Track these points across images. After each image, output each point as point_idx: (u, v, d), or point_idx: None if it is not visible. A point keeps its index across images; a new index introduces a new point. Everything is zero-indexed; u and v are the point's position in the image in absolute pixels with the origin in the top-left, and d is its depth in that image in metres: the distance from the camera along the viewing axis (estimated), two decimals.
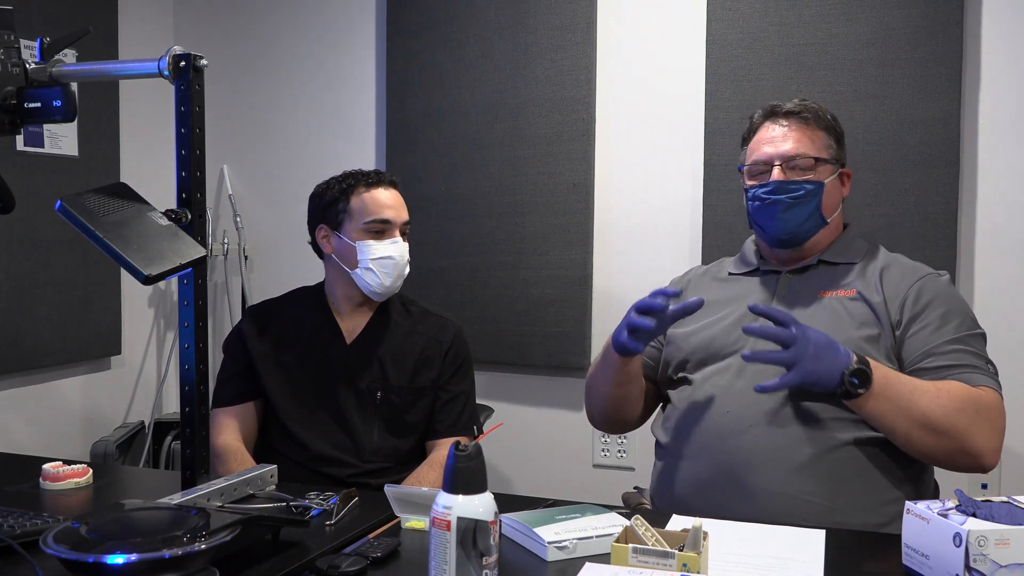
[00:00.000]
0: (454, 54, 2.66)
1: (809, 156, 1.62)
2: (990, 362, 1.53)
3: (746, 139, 1.72)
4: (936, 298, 1.55)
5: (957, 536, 1.06)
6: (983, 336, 1.56)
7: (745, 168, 1.69)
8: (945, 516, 1.10)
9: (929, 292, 1.56)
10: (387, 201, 1.88)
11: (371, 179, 1.90)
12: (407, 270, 1.91)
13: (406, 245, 1.90)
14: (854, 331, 1.53)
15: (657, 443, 1.68)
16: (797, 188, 1.60)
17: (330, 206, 1.90)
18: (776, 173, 1.61)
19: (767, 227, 1.63)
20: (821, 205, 1.62)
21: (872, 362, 1.43)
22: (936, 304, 1.55)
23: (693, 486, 1.53)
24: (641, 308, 1.49)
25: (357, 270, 1.87)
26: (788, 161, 1.62)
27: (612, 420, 1.75)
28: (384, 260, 1.86)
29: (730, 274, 1.75)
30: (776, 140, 1.64)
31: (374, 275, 1.86)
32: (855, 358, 1.42)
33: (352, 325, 1.94)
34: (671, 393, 1.68)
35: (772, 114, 1.68)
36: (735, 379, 1.56)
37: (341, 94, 2.88)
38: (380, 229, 1.87)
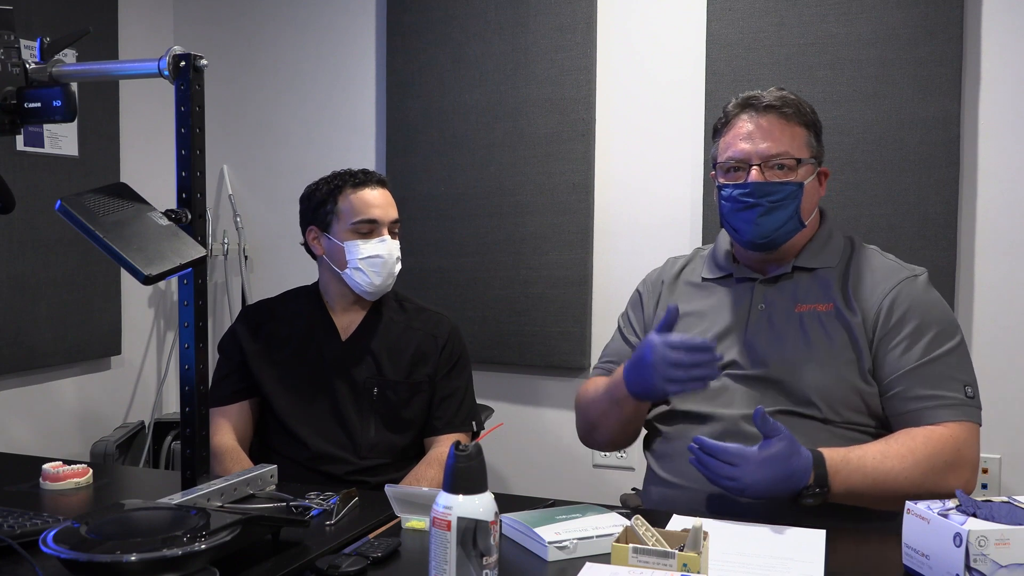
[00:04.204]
0: (454, 54, 2.66)
1: (791, 156, 1.51)
2: (967, 384, 1.45)
3: (718, 130, 1.59)
4: (910, 309, 1.48)
5: (957, 536, 1.06)
6: (959, 346, 1.48)
7: (719, 164, 1.57)
8: (945, 516, 1.10)
9: (903, 303, 1.48)
10: (374, 201, 1.88)
11: (358, 179, 1.90)
12: (398, 268, 1.91)
13: (396, 243, 1.90)
14: (831, 357, 1.47)
15: (648, 467, 1.65)
16: (777, 191, 1.49)
17: (318, 208, 1.91)
18: (754, 174, 1.50)
19: (742, 231, 1.53)
20: (800, 208, 1.51)
21: (831, 468, 1.36)
22: (909, 316, 1.47)
23: (687, 509, 1.47)
24: (677, 346, 1.37)
25: (347, 270, 1.88)
26: (767, 160, 1.50)
27: (617, 444, 1.69)
28: (373, 259, 1.86)
29: (704, 280, 1.66)
30: (754, 136, 1.51)
31: (363, 275, 1.87)
32: (812, 477, 1.35)
33: (347, 322, 1.94)
34: (652, 416, 1.63)
35: (749, 106, 1.54)
36: (715, 398, 1.53)
37: (341, 94, 2.88)
38: (368, 229, 1.87)
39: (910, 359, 1.45)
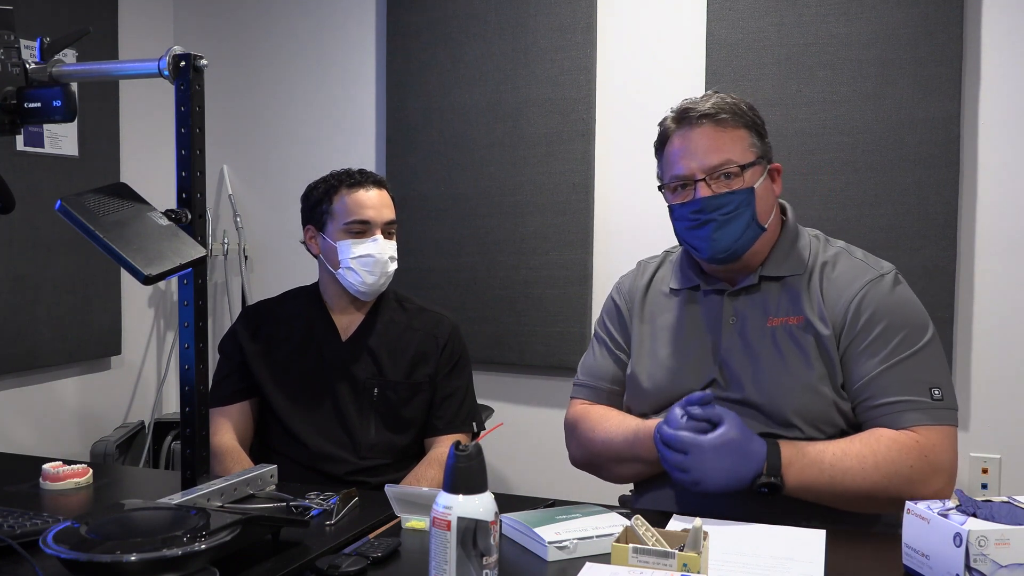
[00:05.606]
0: (454, 54, 2.66)
1: (734, 163, 1.45)
2: (934, 386, 1.40)
3: (658, 149, 1.55)
4: (876, 312, 1.43)
5: (957, 536, 1.06)
6: (928, 345, 1.43)
7: (665, 184, 1.53)
8: (945, 516, 1.10)
9: (869, 306, 1.43)
10: (367, 202, 1.88)
11: (354, 180, 1.90)
12: (391, 268, 1.90)
13: (390, 243, 1.90)
14: (805, 373, 1.43)
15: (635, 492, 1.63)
16: (727, 202, 1.44)
17: (315, 207, 1.92)
18: (701, 189, 1.45)
19: (701, 248, 1.48)
20: (756, 214, 1.45)
21: (785, 459, 1.34)
22: (875, 320, 1.42)
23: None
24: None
25: (340, 270, 1.89)
26: (711, 172, 1.45)
27: (625, 482, 1.67)
28: (364, 259, 1.86)
29: (672, 290, 1.61)
30: (693, 151, 1.46)
31: (355, 274, 1.87)
32: (764, 467, 1.33)
33: (347, 322, 1.94)
34: None
35: (684, 120, 1.49)
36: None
37: (341, 94, 2.88)
38: (360, 229, 1.87)
39: (875, 364, 1.41)
